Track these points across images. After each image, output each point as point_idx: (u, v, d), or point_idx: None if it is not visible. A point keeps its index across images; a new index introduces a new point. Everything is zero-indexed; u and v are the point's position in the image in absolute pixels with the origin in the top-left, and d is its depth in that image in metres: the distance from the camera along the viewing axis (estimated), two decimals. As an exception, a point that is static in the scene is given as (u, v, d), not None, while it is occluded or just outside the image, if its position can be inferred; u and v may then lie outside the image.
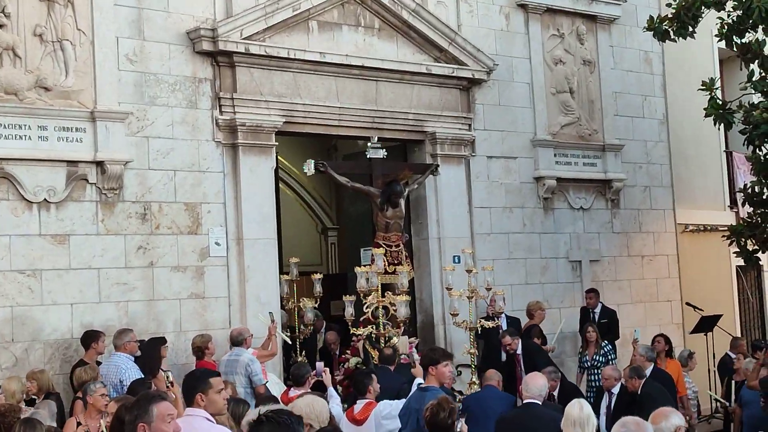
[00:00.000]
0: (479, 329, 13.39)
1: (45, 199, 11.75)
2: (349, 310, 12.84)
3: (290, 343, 13.31)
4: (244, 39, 13.21)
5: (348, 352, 13.48)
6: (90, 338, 11.38)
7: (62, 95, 11.95)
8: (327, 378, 10.67)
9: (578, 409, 7.44)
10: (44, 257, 11.72)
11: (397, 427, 9.21)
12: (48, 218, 11.79)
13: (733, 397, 14.10)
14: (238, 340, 12.09)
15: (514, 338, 13.44)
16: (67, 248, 11.88)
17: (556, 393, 12.27)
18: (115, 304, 12.15)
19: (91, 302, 11.99)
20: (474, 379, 12.83)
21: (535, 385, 9.01)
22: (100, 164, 12.08)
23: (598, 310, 15.87)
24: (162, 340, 11.55)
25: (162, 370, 11.24)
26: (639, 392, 11.93)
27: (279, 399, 9.90)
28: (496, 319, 13.96)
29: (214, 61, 13.23)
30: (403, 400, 9.52)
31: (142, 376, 10.48)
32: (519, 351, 13.34)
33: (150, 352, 11.20)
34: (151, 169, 12.59)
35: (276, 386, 12.02)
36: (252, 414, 6.75)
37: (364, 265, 13.26)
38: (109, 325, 11.88)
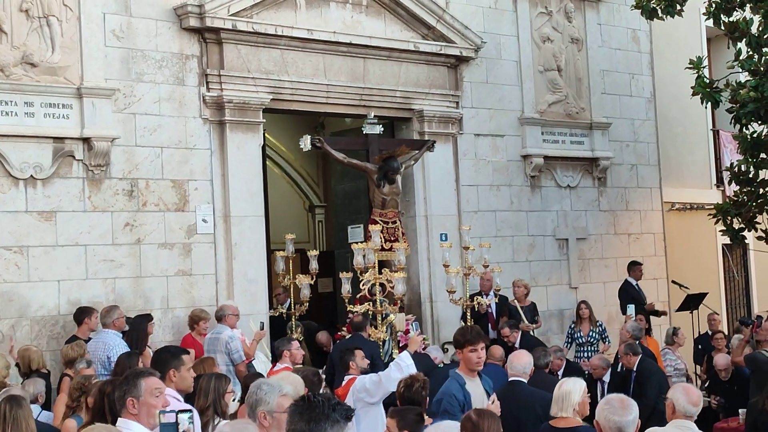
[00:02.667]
0: (476, 306, 13.42)
1: (31, 176, 11.72)
2: (346, 288, 12.73)
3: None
4: (231, 15, 13.16)
5: (344, 329, 13.48)
6: (83, 314, 11.41)
7: (48, 71, 11.90)
8: None
9: (558, 386, 7.52)
10: (31, 234, 11.70)
11: (372, 401, 9.22)
12: (35, 195, 11.76)
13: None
14: (219, 316, 12.16)
15: (513, 331, 13.43)
16: (53, 225, 11.86)
17: (560, 373, 12.32)
18: (102, 281, 12.15)
19: (78, 279, 11.99)
20: None
21: (520, 363, 9.07)
22: (86, 141, 12.05)
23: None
24: (148, 317, 11.57)
25: (148, 346, 11.28)
26: (635, 369, 11.99)
27: (265, 376, 9.91)
28: (484, 296, 13.99)
29: (201, 37, 13.19)
30: (374, 375, 9.51)
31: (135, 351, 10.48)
32: (517, 344, 13.25)
33: (137, 330, 11.22)
34: (138, 146, 12.56)
35: (263, 365, 12.04)
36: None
37: (361, 242, 13.22)
38: (96, 301, 11.88)
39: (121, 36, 12.54)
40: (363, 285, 12.74)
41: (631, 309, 15.09)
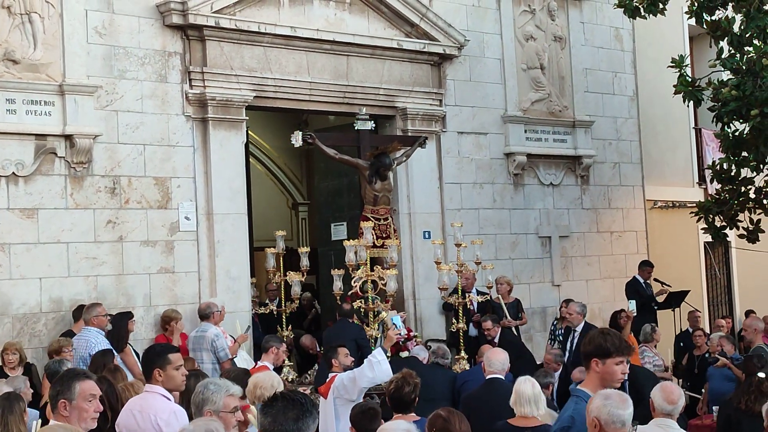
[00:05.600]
0: (468, 303, 13.43)
1: (13, 173, 11.68)
2: (338, 285, 12.68)
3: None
4: (214, 12, 13.13)
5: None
6: (80, 311, 11.41)
7: (30, 68, 11.86)
8: None
9: (530, 386, 7.50)
10: (13, 231, 11.66)
11: (351, 398, 9.23)
12: (16, 192, 11.72)
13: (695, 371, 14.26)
14: (205, 314, 12.16)
15: (495, 325, 13.50)
16: (35, 222, 11.82)
17: (557, 374, 12.35)
18: (84, 279, 12.12)
19: (60, 276, 11.95)
20: (463, 354, 12.85)
21: (497, 360, 9.11)
22: (69, 138, 12.01)
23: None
24: (129, 315, 11.56)
25: (129, 344, 11.26)
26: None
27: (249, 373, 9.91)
28: (467, 293, 14.01)
29: (184, 34, 13.16)
30: (350, 372, 9.51)
31: (110, 348, 10.46)
32: (496, 339, 13.39)
33: (117, 327, 11.20)
34: (121, 143, 12.53)
35: (245, 363, 12.02)
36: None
37: (347, 239, 13.17)
38: (78, 299, 11.87)
39: (104, 33, 12.51)
40: (355, 282, 12.69)
41: (632, 305, 15.14)
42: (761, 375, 9.49)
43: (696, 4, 14.56)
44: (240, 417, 6.17)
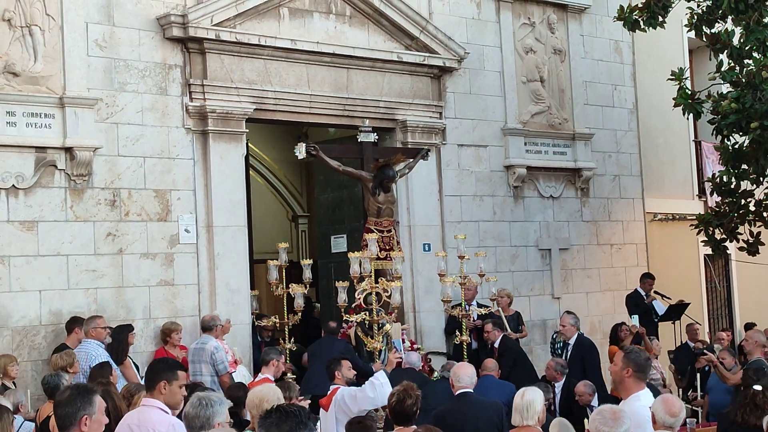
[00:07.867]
0: (462, 316, 13.42)
1: (13, 186, 11.68)
2: (342, 297, 12.62)
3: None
4: (214, 25, 13.16)
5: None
6: (74, 323, 11.43)
7: (31, 81, 11.87)
8: None
9: (520, 396, 7.51)
10: (12, 244, 11.66)
11: (351, 413, 9.21)
12: (16, 204, 11.72)
13: (698, 384, 14.21)
14: (207, 326, 12.13)
15: (496, 329, 13.50)
16: (35, 235, 11.82)
17: (560, 385, 12.34)
18: (84, 291, 12.11)
19: (60, 289, 11.94)
20: None
21: (465, 374, 9.13)
22: (69, 150, 12.02)
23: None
24: (129, 327, 11.56)
25: (129, 357, 11.25)
26: None
27: (248, 387, 9.89)
28: (467, 305, 13.99)
29: (184, 47, 13.18)
30: (353, 389, 9.51)
31: (107, 361, 10.45)
32: (497, 344, 13.39)
33: (117, 340, 11.20)
34: (121, 156, 12.54)
35: (243, 379, 11.99)
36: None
37: (348, 251, 13.13)
38: (77, 312, 11.85)
39: (104, 45, 12.52)
40: (358, 294, 12.64)
41: (635, 319, 15.13)
42: (757, 387, 9.47)
43: (695, 17, 14.59)
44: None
